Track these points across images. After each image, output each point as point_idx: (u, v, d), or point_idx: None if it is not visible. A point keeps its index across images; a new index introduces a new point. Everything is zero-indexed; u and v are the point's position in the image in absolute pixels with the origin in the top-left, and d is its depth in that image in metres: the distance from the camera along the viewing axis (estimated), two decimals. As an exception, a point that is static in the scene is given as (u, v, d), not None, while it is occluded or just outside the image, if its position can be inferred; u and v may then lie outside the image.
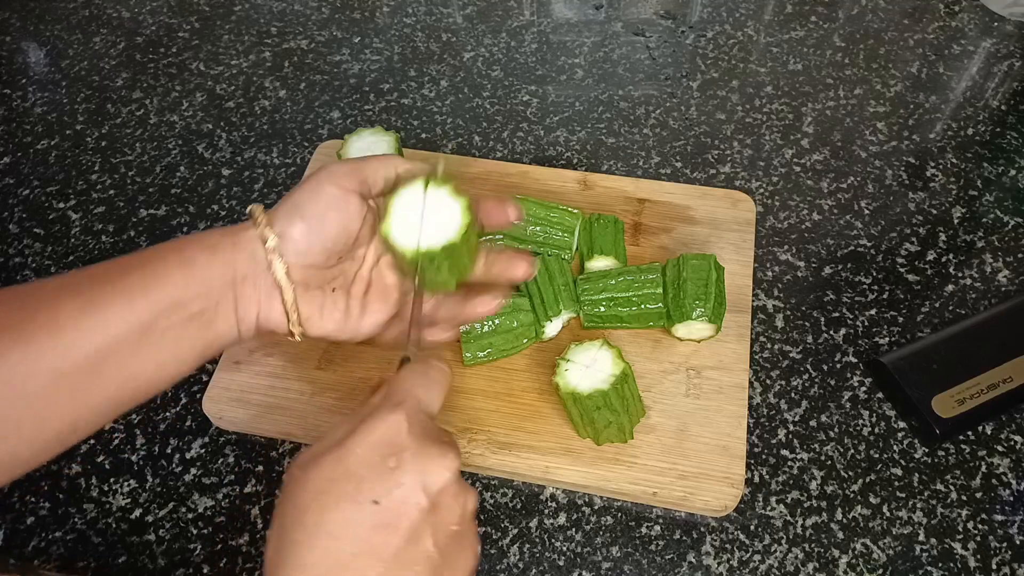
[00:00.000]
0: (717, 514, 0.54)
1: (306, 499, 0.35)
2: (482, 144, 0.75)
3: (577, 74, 0.80)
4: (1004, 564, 0.52)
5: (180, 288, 0.40)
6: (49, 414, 0.37)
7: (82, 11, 0.88)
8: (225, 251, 0.42)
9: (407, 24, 0.86)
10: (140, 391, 0.40)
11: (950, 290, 0.64)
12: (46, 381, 0.36)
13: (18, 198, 0.72)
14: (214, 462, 0.57)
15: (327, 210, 0.43)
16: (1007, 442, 0.57)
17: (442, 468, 0.36)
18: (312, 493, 0.35)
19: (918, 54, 0.81)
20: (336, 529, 0.34)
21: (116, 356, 0.38)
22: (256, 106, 0.78)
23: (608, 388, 0.49)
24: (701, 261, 0.57)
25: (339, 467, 0.35)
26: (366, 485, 0.35)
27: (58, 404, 0.37)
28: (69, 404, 0.37)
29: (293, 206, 0.43)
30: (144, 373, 0.40)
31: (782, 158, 0.73)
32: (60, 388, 0.37)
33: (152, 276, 0.39)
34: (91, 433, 0.40)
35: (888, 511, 0.54)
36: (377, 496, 0.34)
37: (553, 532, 0.54)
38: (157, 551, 0.53)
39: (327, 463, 0.36)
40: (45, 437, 0.38)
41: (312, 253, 0.43)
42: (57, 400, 0.37)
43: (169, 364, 0.40)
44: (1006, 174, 0.72)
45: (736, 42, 0.83)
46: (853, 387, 0.60)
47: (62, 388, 0.37)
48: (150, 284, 0.39)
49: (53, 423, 0.37)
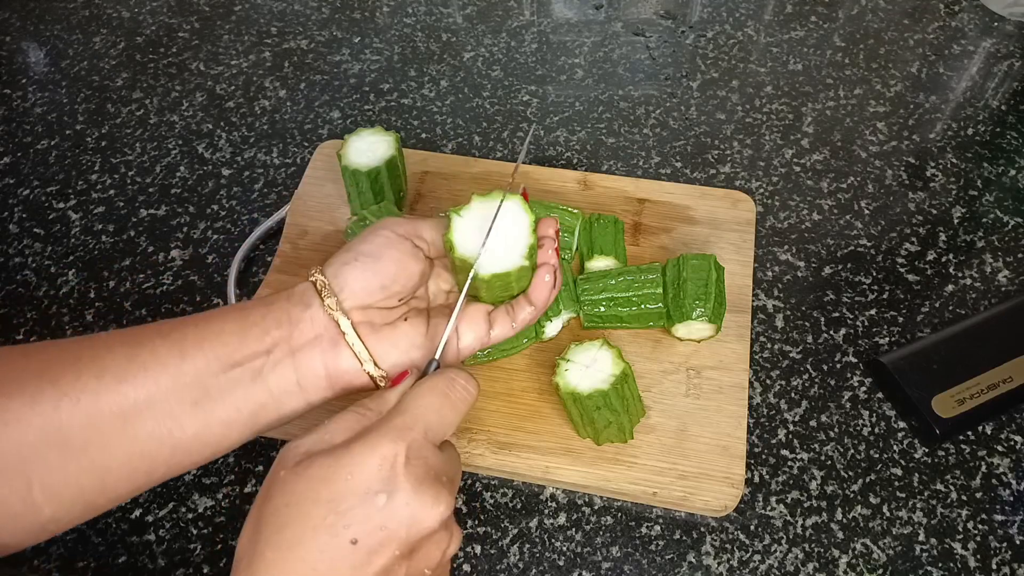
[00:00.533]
0: (717, 514, 0.54)
1: (286, 512, 0.34)
2: (482, 144, 0.75)
3: (577, 74, 0.80)
4: (1004, 564, 0.52)
5: (235, 343, 0.38)
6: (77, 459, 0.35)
7: (82, 11, 0.88)
8: (278, 305, 0.41)
9: (407, 24, 0.86)
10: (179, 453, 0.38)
11: (950, 290, 0.65)
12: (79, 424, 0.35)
13: (18, 198, 0.72)
14: (214, 462, 0.57)
15: (382, 249, 0.42)
16: (1007, 442, 0.57)
17: (429, 517, 0.34)
18: (295, 508, 0.34)
19: (918, 54, 0.81)
20: (309, 557, 0.33)
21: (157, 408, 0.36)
22: (256, 106, 0.78)
23: (608, 388, 0.49)
24: (701, 261, 0.57)
25: (327, 489, 0.34)
26: (347, 519, 0.33)
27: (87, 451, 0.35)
28: (99, 453, 0.36)
29: (347, 250, 0.43)
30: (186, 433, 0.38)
31: (782, 158, 0.73)
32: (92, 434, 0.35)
33: (208, 333, 0.38)
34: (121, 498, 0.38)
35: (888, 511, 0.54)
36: (357, 536, 0.33)
37: (553, 532, 0.54)
38: (157, 551, 0.53)
39: (316, 478, 0.34)
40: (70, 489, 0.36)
41: (369, 289, 0.42)
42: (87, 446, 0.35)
43: (215, 425, 0.38)
44: (1006, 174, 0.72)
45: (736, 42, 0.83)
46: (853, 387, 0.60)
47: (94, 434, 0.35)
48: (204, 338, 0.38)
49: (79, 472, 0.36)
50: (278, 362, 0.40)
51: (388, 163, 0.60)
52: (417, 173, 0.69)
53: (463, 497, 0.55)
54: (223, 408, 0.39)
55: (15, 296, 0.65)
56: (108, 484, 0.37)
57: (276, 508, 0.34)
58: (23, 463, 0.35)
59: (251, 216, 0.70)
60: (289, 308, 0.41)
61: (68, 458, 0.35)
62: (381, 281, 0.42)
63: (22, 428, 0.35)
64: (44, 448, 0.35)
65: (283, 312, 0.41)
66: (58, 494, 0.36)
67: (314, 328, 0.41)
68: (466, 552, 0.53)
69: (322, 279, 0.41)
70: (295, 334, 0.40)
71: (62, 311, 0.64)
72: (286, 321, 0.40)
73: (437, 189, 0.68)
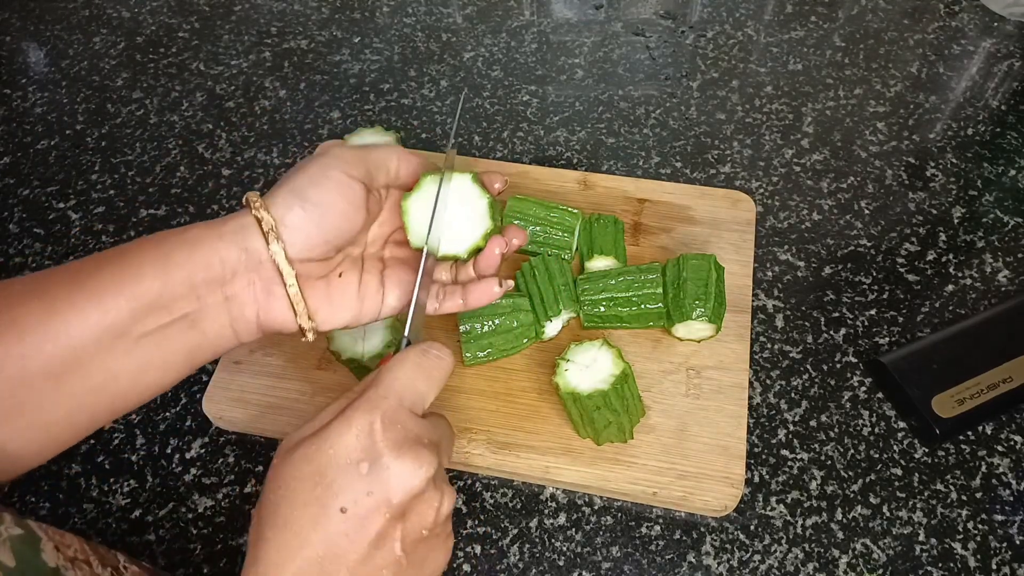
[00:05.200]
0: (717, 514, 0.54)
1: (279, 494, 0.35)
2: (482, 144, 0.75)
3: (577, 74, 0.80)
4: (1004, 564, 0.52)
5: (156, 288, 0.37)
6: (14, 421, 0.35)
7: (82, 11, 0.88)
8: (208, 245, 0.38)
9: (407, 24, 0.86)
10: (119, 399, 0.38)
11: (950, 290, 0.64)
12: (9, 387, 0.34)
13: (18, 198, 0.72)
14: (214, 462, 0.57)
15: (332, 197, 0.40)
16: (1007, 442, 0.57)
17: (414, 477, 0.34)
18: (284, 489, 0.35)
19: (918, 54, 0.81)
20: (303, 531, 0.34)
21: (85, 361, 0.36)
22: (256, 106, 0.78)
23: (608, 388, 0.49)
24: (701, 261, 0.57)
25: (310, 465, 0.34)
26: (334, 490, 0.34)
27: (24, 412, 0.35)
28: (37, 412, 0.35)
29: (293, 190, 0.40)
30: (120, 380, 0.37)
31: (782, 158, 0.73)
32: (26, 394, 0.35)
33: (125, 276, 0.37)
34: (68, 444, 0.38)
35: (888, 511, 0.54)
36: (345, 504, 0.34)
37: (553, 532, 0.54)
38: (157, 551, 0.53)
39: (299, 458, 0.35)
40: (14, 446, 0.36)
41: (311, 244, 0.40)
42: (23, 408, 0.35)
43: (150, 371, 0.38)
44: (1006, 174, 0.72)
45: (736, 42, 0.83)
46: (853, 387, 0.60)
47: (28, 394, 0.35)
48: (121, 284, 0.36)
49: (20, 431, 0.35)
50: (210, 307, 0.39)
51: (388, 163, 0.60)
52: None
53: (463, 497, 0.55)
54: (156, 353, 0.38)
55: None
56: (53, 435, 0.37)
57: (271, 493, 0.35)
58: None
59: (251, 216, 0.70)
60: (220, 248, 0.38)
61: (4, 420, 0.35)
62: (325, 236, 0.40)
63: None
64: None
65: (212, 253, 0.38)
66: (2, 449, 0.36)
67: (248, 272, 0.39)
68: (466, 552, 0.53)
69: (269, 219, 0.39)
70: (227, 278, 0.38)
71: (62, 311, 0.64)
72: (217, 263, 0.38)
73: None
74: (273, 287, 0.40)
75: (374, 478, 0.34)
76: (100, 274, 0.36)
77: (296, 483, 0.34)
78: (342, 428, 0.35)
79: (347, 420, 0.35)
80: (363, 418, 0.35)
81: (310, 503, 0.34)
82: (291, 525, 0.34)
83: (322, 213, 0.40)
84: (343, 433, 0.35)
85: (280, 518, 0.34)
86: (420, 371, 0.38)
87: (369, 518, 0.34)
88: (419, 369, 0.38)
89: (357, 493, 0.34)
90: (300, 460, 0.35)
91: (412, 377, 0.37)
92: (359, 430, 0.35)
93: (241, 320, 0.40)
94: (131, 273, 0.37)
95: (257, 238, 0.39)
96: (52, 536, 0.34)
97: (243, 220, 0.39)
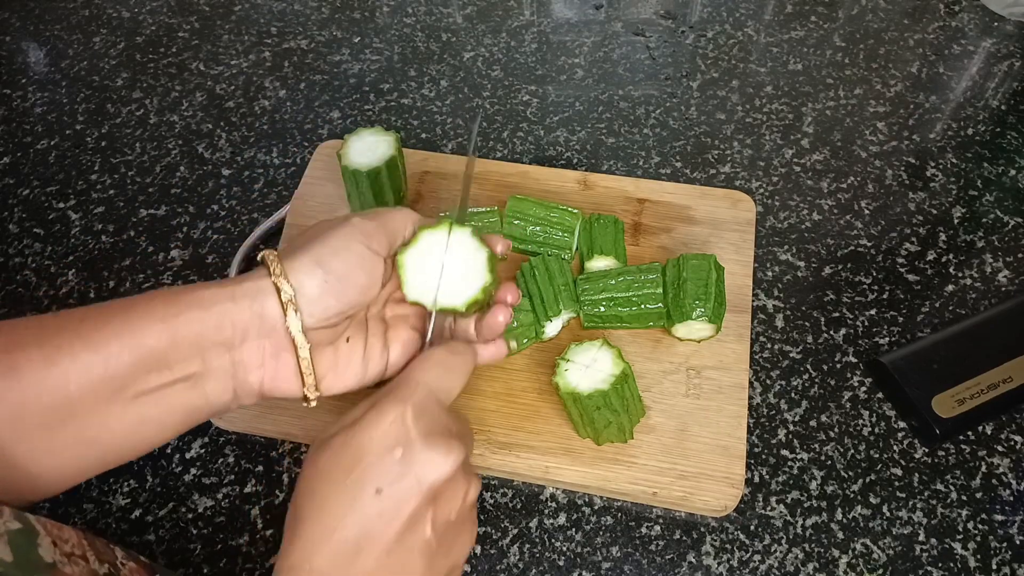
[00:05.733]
0: (717, 514, 0.54)
1: (315, 481, 0.36)
2: (482, 144, 0.75)
3: (577, 74, 0.80)
4: (1004, 564, 0.52)
5: (162, 345, 0.36)
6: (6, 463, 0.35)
7: (82, 11, 0.88)
8: (220, 307, 0.37)
9: (407, 24, 0.86)
10: (112, 452, 0.37)
11: (950, 290, 0.64)
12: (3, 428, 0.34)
13: (18, 198, 0.72)
14: (214, 462, 0.57)
15: (354, 271, 0.40)
16: (1007, 442, 0.57)
17: (444, 462, 0.36)
18: (320, 475, 0.36)
19: (918, 54, 0.81)
20: (339, 512, 0.35)
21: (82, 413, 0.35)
22: (256, 106, 0.78)
23: (608, 388, 0.49)
24: (701, 261, 0.57)
25: (346, 452, 0.36)
26: (370, 473, 0.36)
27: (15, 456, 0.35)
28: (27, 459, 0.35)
29: (316, 260, 0.39)
30: (115, 435, 0.37)
31: (782, 158, 0.73)
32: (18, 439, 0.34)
33: (129, 329, 0.36)
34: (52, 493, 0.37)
35: (888, 511, 0.54)
36: (380, 485, 0.35)
37: (553, 532, 0.54)
38: (157, 551, 0.53)
39: (336, 446, 0.37)
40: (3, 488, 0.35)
41: (328, 315, 0.39)
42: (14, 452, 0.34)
43: (147, 426, 0.37)
44: (1006, 174, 0.72)
45: (736, 42, 0.83)
46: (853, 387, 0.60)
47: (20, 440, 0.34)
48: (125, 337, 0.36)
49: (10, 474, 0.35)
50: (215, 370, 0.38)
51: (388, 163, 0.60)
52: (417, 173, 0.69)
53: (463, 497, 0.55)
54: (154, 411, 0.37)
55: (15, 296, 0.65)
56: (38, 485, 0.36)
57: (306, 482, 0.37)
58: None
59: (251, 216, 0.70)
60: (232, 311, 0.38)
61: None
62: (342, 308, 0.40)
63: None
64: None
65: (224, 315, 0.37)
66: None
67: (259, 338, 0.38)
68: (466, 552, 0.53)
69: (289, 289, 0.38)
70: (236, 342, 0.38)
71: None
72: (228, 326, 0.38)
73: (437, 189, 0.68)
74: (282, 354, 0.40)
75: (407, 463, 0.36)
76: (106, 326, 0.36)
77: (332, 469, 0.36)
78: (376, 417, 0.37)
79: (380, 410, 0.37)
80: (395, 408, 0.37)
81: (346, 487, 0.35)
82: (328, 507, 0.35)
83: (343, 287, 0.40)
84: (377, 422, 0.37)
85: (317, 502, 0.36)
86: (446, 367, 0.40)
87: (403, 500, 0.35)
88: (445, 365, 0.40)
89: (391, 476, 0.36)
90: (337, 448, 0.37)
91: (439, 372, 0.40)
92: (392, 419, 0.37)
93: (244, 385, 0.40)
94: (137, 326, 0.36)
95: (273, 304, 0.38)
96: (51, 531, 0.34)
97: (260, 283, 0.39)
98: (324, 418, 0.56)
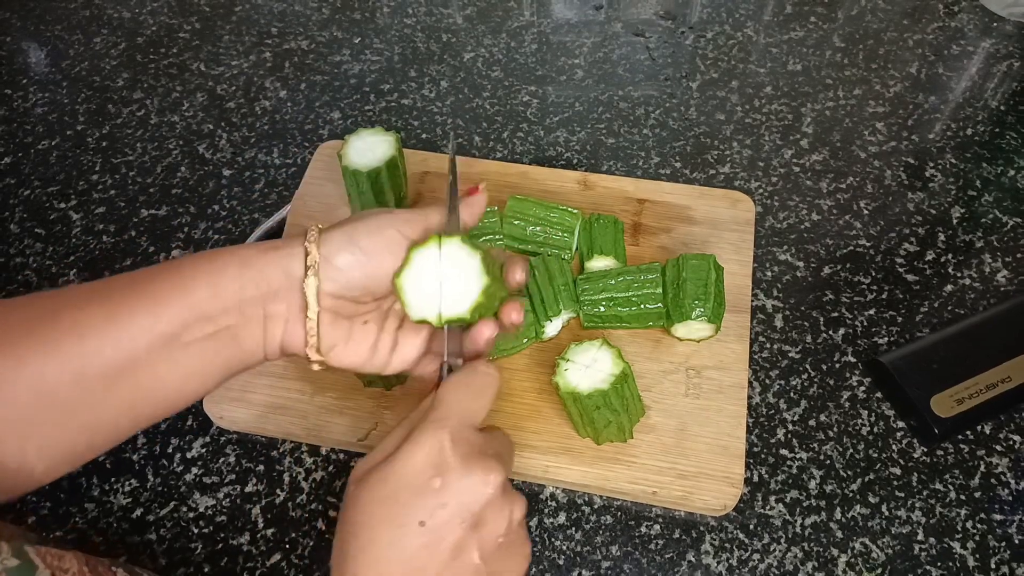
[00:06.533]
0: (716, 513, 0.54)
1: (358, 518, 0.37)
2: (482, 144, 0.75)
3: (577, 74, 0.81)
4: (1003, 563, 0.52)
5: (207, 300, 0.39)
6: (67, 421, 0.37)
7: (82, 11, 0.88)
8: (257, 264, 0.40)
9: (407, 24, 0.86)
10: (160, 405, 0.39)
11: (949, 290, 0.65)
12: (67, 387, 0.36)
13: (19, 198, 0.72)
14: (215, 461, 0.57)
15: (382, 251, 0.42)
16: (1006, 442, 0.57)
17: (485, 486, 0.37)
18: (363, 513, 0.36)
19: (918, 54, 0.81)
20: (385, 548, 0.35)
21: (138, 366, 0.37)
22: (256, 106, 0.79)
23: (608, 388, 0.49)
24: (701, 261, 0.57)
25: (386, 487, 0.36)
26: (412, 506, 0.36)
27: (77, 412, 0.37)
28: (88, 413, 0.37)
29: (349, 236, 0.42)
30: (166, 386, 0.39)
31: (781, 158, 0.73)
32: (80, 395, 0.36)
33: (179, 286, 0.38)
34: (106, 449, 0.39)
35: (887, 510, 0.54)
36: (422, 517, 0.36)
37: (553, 531, 0.54)
38: (158, 550, 0.53)
39: (375, 481, 0.37)
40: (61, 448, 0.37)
41: (352, 285, 0.42)
42: (76, 408, 0.36)
43: (193, 378, 0.40)
44: (1005, 174, 0.72)
45: (736, 42, 0.83)
46: (852, 387, 0.60)
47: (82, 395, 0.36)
48: (176, 294, 0.38)
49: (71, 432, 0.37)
50: (251, 322, 0.41)
51: (388, 163, 0.60)
52: (417, 173, 0.69)
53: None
54: (198, 362, 0.40)
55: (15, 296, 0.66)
56: (96, 440, 0.38)
57: (349, 520, 0.37)
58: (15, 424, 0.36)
59: (252, 216, 0.70)
60: (269, 271, 0.40)
61: (59, 420, 0.37)
62: (366, 282, 0.42)
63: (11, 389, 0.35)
64: (36, 410, 0.36)
65: (260, 274, 0.40)
66: (50, 453, 0.37)
67: (287, 294, 0.41)
68: (466, 551, 0.53)
69: (316, 255, 0.41)
70: (269, 299, 0.40)
71: (63, 311, 0.65)
72: (264, 283, 0.40)
73: (437, 189, 0.68)
74: (300, 314, 0.42)
75: (447, 492, 0.36)
76: (156, 283, 0.39)
77: (374, 506, 0.36)
78: (413, 450, 0.37)
79: (416, 442, 0.37)
80: (431, 439, 0.37)
81: (389, 522, 0.36)
82: (373, 545, 0.36)
83: (368, 261, 0.42)
84: (414, 454, 0.37)
85: (362, 540, 0.36)
86: (472, 390, 0.40)
87: (446, 529, 0.36)
88: (471, 389, 0.41)
89: (433, 507, 0.36)
90: (376, 484, 0.37)
91: (467, 397, 0.40)
92: (429, 449, 0.37)
93: (270, 338, 0.42)
94: (186, 284, 0.39)
95: (299, 266, 0.41)
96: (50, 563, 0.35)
97: (294, 248, 0.41)
98: (327, 419, 0.56)
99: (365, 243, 0.42)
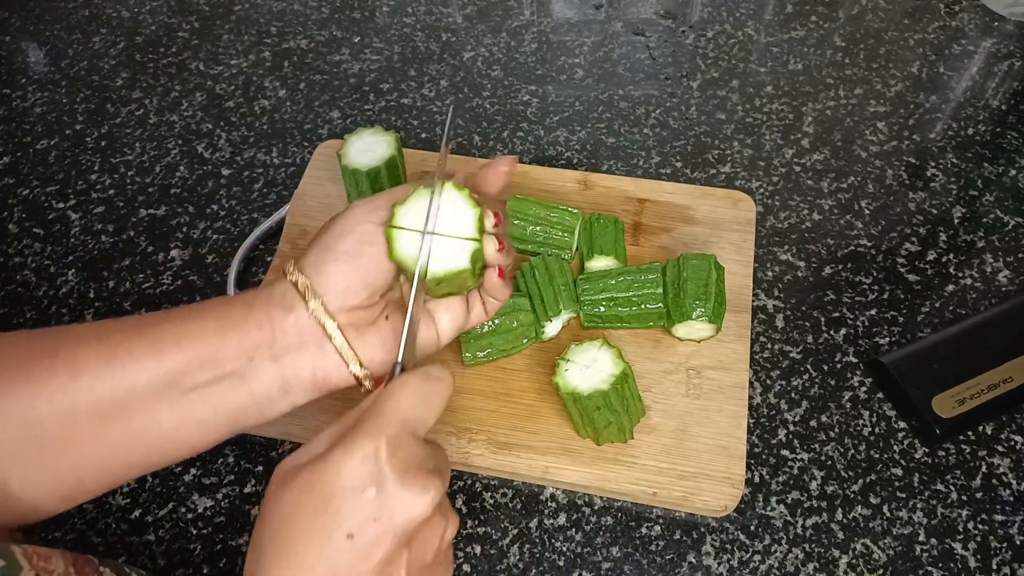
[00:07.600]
0: (717, 514, 0.54)
1: (280, 521, 0.34)
2: (482, 144, 0.75)
3: (577, 74, 0.80)
4: (1004, 564, 0.52)
5: (214, 345, 0.38)
6: (52, 457, 0.36)
7: (82, 11, 0.88)
8: (261, 308, 0.39)
9: (407, 24, 0.86)
10: (155, 449, 0.38)
11: (950, 290, 0.64)
12: (56, 423, 0.35)
13: (18, 198, 0.72)
14: (214, 462, 0.57)
15: (361, 247, 0.41)
16: (1007, 442, 0.57)
17: (421, 502, 0.34)
18: (285, 516, 0.34)
19: (918, 54, 0.81)
20: (308, 560, 0.33)
21: (133, 407, 0.36)
22: (256, 106, 0.78)
23: (608, 388, 0.49)
24: (701, 261, 0.57)
25: (314, 493, 0.34)
26: (340, 516, 0.33)
27: (64, 449, 0.36)
28: (75, 451, 0.36)
29: (325, 247, 0.41)
30: (163, 430, 0.38)
31: (782, 158, 0.73)
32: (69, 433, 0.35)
33: (186, 332, 0.38)
34: (100, 491, 0.38)
35: (888, 511, 0.54)
36: (351, 529, 0.33)
37: (553, 532, 0.54)
38: (157, 551, 0.53)
39: (302, 484, 0.34)
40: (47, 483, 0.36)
41: (353, 290, 0.40)
42: (64, 445, 0.35)
43: (192, 424, 0.38)
44: (1006, 174, 0.72)
45: (736, 42, 0.83)
46: (853, 387, 0.60)
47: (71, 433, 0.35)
48: (182, 339, 0.37)
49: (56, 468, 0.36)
50: (260, 366, 0.39)
51: (388, 163, 0.60)
52: (417, 173, 0.69)
53: (463, 497, 0.55)
54: (200, 409, 0.38)
55: (15, 296, 0.65)
56: (85, 480, 0.37)
57: (269, 523, 0.34)
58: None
59: (251, 216, 0.70)
60: (270, 310, 0.40)
61: (44, 455, 0.36)
62: (364, 279, 0.41)
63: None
64: (20, 444, 0.35)
65: (264, 314, 0.39)
66: (35, 488, 0.36)
67: (299, 332, 0.40)
68: (466, 552, 0.53)
69: (303, 280, 0.40)
70: (278, 338, 0.39)
71: (62, 311, 0.64)
72: (267, 323, 0.39)
73: (437, 189, 0.68)
74: (324, 343, 0.40)
75: (380, 504, 0.33)
76: (162, 327, 0.38)
77: (299, 510, 0.34)
78: (345, 454, 0.34)
79: (350, 446, 0.34)
80: (367, 444, 0.34)
81: (315, 530, 0.33)
82: (295, 553, 0.33)
83: (354, 261, 0.41)
84: (347, 459, 0.34)
85: (281, 547, 0.33)
86: (421, 396, 0.37)
87: (376, 544, 0.33)
88: (420, 394, 0.37)
89: (363, 519, 0.33)
90: (302, 487, 0.34)
91: (413, 402, 0.37)
92: (363, 456, 0.34)
93: (295, 380, 0.40)
94: (193, 329, 0.38)
95: (297, 298, 0.40)
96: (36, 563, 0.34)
97: (285, 286, 0.41)
98: (326, 419, 0.56)
99: (342, 247, 0.41)
